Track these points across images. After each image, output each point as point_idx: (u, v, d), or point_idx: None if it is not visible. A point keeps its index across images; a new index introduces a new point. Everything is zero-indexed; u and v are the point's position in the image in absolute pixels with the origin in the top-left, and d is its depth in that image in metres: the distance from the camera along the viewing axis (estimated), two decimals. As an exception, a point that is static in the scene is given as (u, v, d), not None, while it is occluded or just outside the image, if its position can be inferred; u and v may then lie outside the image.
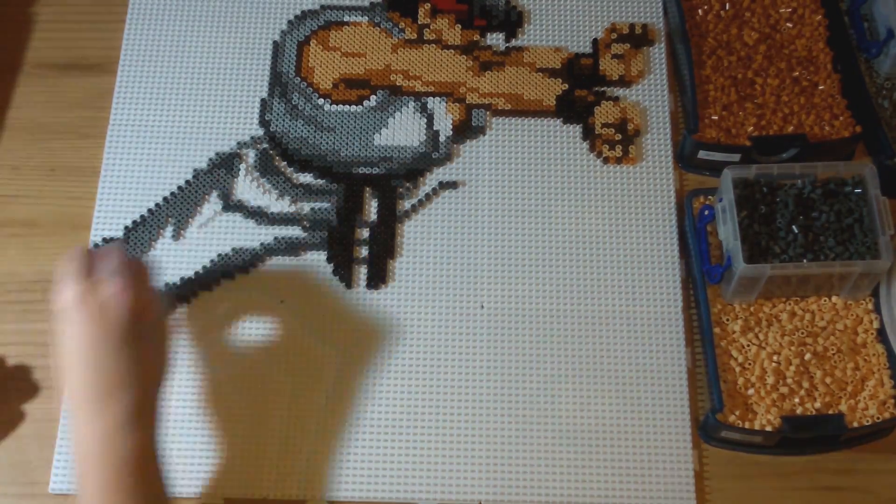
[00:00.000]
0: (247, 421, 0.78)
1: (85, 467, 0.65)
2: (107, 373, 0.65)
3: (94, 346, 0.65)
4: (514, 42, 0.92)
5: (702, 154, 0.85)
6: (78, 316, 0.65)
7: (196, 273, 0.83)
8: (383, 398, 0.79)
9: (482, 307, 0.82)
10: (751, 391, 0.77)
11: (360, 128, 0.88)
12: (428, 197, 0.86)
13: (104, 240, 0.84)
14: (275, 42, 0.92)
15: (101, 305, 0.65)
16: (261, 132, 0.88)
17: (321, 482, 0.76)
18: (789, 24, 0.90)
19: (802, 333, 0.79)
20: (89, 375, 0.65)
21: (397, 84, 0.90)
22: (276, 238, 0.84)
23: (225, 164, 0.87)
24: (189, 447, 0.77)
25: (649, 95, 0.90)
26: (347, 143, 0.88)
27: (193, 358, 0.80)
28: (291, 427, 0.78)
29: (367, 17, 0.93)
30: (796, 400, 0.77)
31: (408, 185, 0.86)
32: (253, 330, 0.81)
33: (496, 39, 0.92)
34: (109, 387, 0.65)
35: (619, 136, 0.88)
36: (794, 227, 0.79)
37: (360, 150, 0.88)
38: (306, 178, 0.86)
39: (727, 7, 0.91)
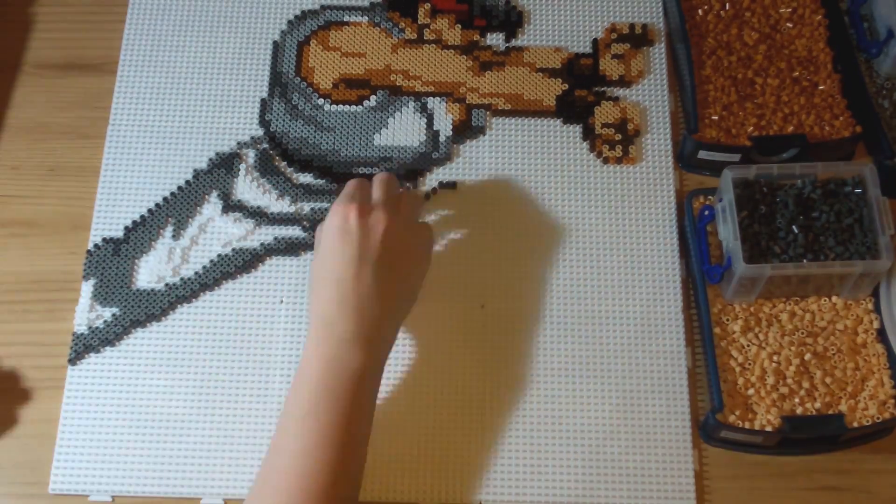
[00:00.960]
0: (247, 421, 0.78)
1: (307, 365, 0.69)
2: (358, 292, 0.70)
3: (352, 264, 0.71)
4: (514, 42, 0.92)
5: (702, 154, 0.85)
6: (341, 234, 0.72)
7: (196, 273, 0.83)
8: (382, 398, 0.78)
9: (482, 307, 0.82)
10: (751, 391, 0.77)
11: (360, 128, 0.88)
12: (428, 197, 0.86)
13: (104, 240, 0.84)
14: (275, 42, 0.92)
15: (363, 229, 0.72)
16: (261, 132, 0.88)
17: (321, 482, 0.76)
18: (789, 24, 0.90)
19: (802, 333, 0.79)
20: (339, 290, 0.70)
21: (397, 84, 0.90)
22: (276, 238, 0.84)
23: (225, 164, 0.87)
24: (189, 447, 0.77)
25: (649, 95, 0.90)
26: (347, 143, 0.88)
27: (193, 357, 0.80)
28: (291, 427, 0.78)
29: (367, 17, 0.93)
30: (796, 400, 0.77)
31: (408, 185, 0.86)
32: (253, 330, 0.81)
33: (496, 39, 0.92)
34: (357, 304, 0.70)
35: (619, 136, 0.88)
36: (794, 227, 0.79)
37: (360, 150, 0.88)
38: (306, 178, 0.86)
39: (727, 7, 0.91)
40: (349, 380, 0.68)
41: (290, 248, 0.84)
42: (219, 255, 0.83)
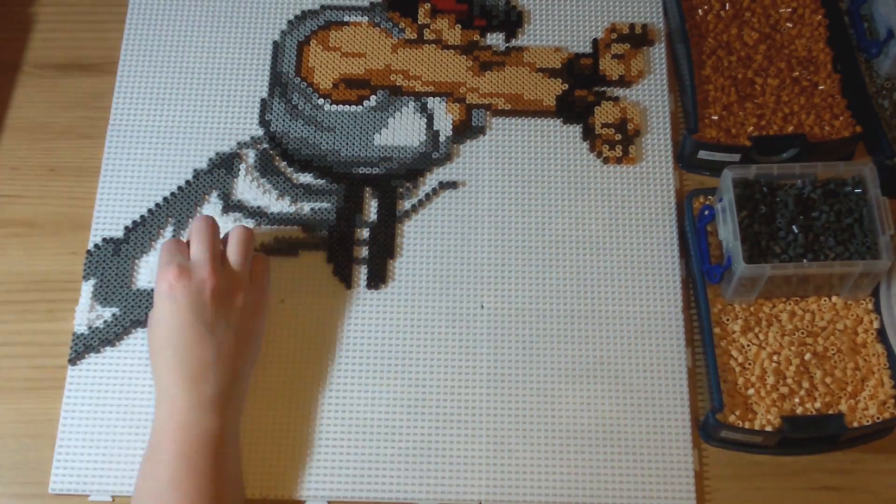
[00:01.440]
0: (246, 421, 0.78)
1: (160, 440, 0.68)
2: (193, 357, 0.69)
3: (181, 331, 0.69)
4: (514, 42, 0.92)
5: (702, 154, 0.85)
6: (168, 302, 0.70)
7: (196, 273, 0.83)
8: (383, 398, 0.79)
9: (482, 307, 0.82)
10: (751, 391, 0.77)
11: (360, 128, 0.88)
12: (428, 197, 0.86)
13: (104, 240, 0.84)
14: (275, 42, 0.92)
15: (189, 292, 0.70)
16: (261, 132, 0.88)
17: (321, 482, 0.76)
18: (789, 24, 0.90)
19: (802, 333, 0.79)
20: (176, 359, 0.69)
21: (397, 84, 0.90)
22: (276, 238, 0.84)
23: (225, 164, 0.87)
24: (189, 447, 0.77)
25: (649, 95, 0.90)
26: (347, 143, 0.88)
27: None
28: (290, 427, 0.78)
29: (367, 17, 0.93)
30: (796, 400, 0.77)
31: (408, 185, 0.86)
32: (253, 330, 0.81)
33: (496, 39, 0.92)
34: (197, 371, 0.69)
35: (619, 136, 0.88)
36: (794, 227, 0.79)
37: (360, 150, 0.88)
38: (306, 178, 0.86)
39: (727, 7, 0.91)
40: (207, 446, 0.68)
41: (290, 248, 0.84)
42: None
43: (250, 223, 0.84)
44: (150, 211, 0.85)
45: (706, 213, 0.83)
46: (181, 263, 0.72)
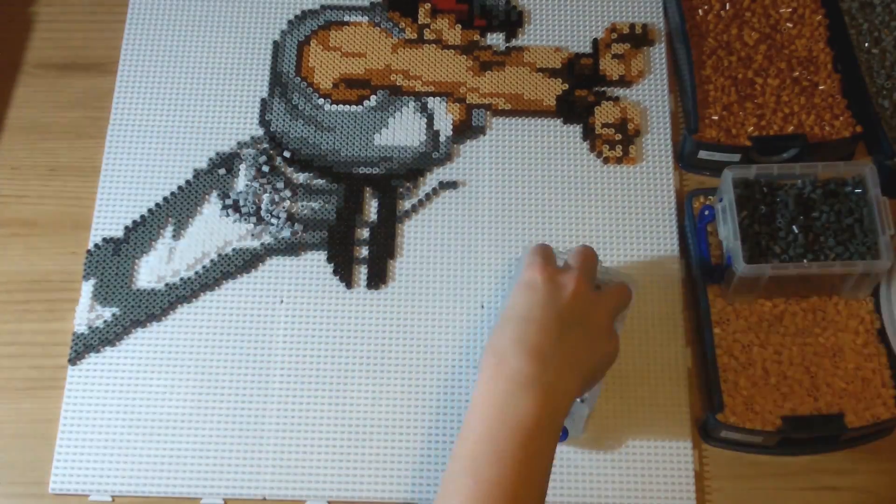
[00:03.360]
0: (246, 421, 0.78)
1: (473, 414, 0.63)
2: (537, 332, 0.65)
3: (537, 307, 0.66)
4: (514, 42, 0.92)
5: (702, 154, 0.85)
6: (526, 287, 0.68)
7: (196, 273, 0.83)
8: (383, 398, 0.79)
9: (482, 307, 0.82)
10: (751, 391, 0.77)
11: (361, 128, 0.88)
12: (428, 197, 0.86)
13: (104, 240, 0.84)
14: (275, 42, 0.92)
15: (549, 284, 0.67)
16: (261, 132, 0.88)
17: (321, 482, 0.76)
18: (789, 24, 0.90)
19: (803, 333, 0.79)
20: (520, 327, 0.65)
21: (397, 84, 0.90)
22: (276, 238, 0.84)
23: (225, 164, 0.87)
24: (189, 447, 0.77)
25: (649, 95, 0.90)
26: (347, 143, 0.88)
27: (193, 357, 0.80)
28: (291, 426, 0.78)
29: (367, 17, 0.93)
30: (797, 400, 0.77)
31: (408, 185, 0.86)
32: (253, 330, 0.81)
33: (496, 39, 0.92)
34: (535, 344, 0.64)
35: (619, 136, 0.88)
36: (794, 227, 0.79)
37: (360, 150, 0.88)
38: (306, 178, 0.86)
39: (727, 7, 0.91)
40: (518, 430, 0.61)
41: (290, 248, 0.84)
42: (219, 255, 0.83)
43: (250, 223, 0.84)
44: (150, 211, 0.85)
45: (706, 213, 0.83)
46: (549, 263, 0.69)
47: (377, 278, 0.83)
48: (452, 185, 0.86)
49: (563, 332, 0.66)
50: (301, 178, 0.86)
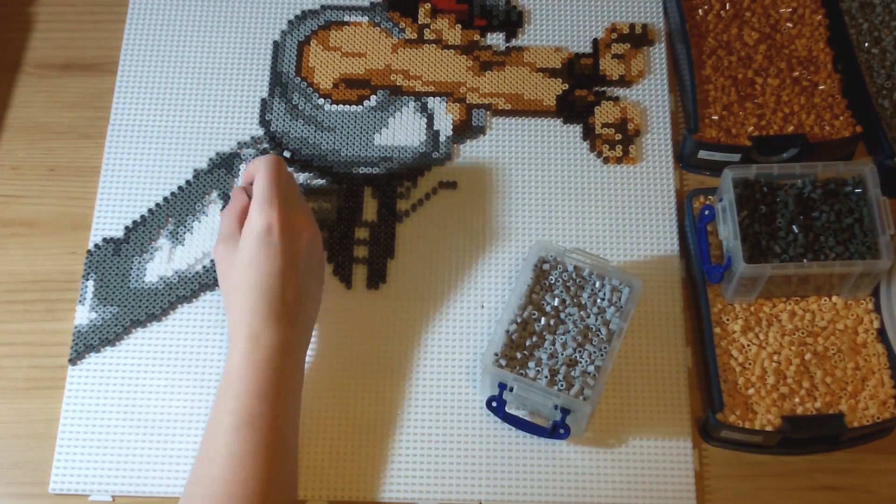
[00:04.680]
0: (247, 421, 0.78)
1: (234, 380, 0.69)
2: (278, 301, 0.70)
3: (271, 276, 0.70)
4: (514, 42, 0.92)
5: (702, 154, 0.85)
6: (262, 245, 0.71)
7: (196, 273, 0.83)
8: (383, 397, 0.79)
9: (482, 307, 0.82)
10: (751, 391, 0.77)
11: (361, 128, 0.88)
12: (428, 197, 0.86)
13: (104, 240, 0.84)
14: (275, 42, 0.92)
15: (285, 240, 0.71)
16: (261, 132, 0.88)
17: (321, 482, 0.76)
18: (789, 24, 0.90)
19: (803, 333, 0.79)
20: (261, 300, 0.70)
21: (397, 84, 0.90)
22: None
23: (225, 164, 0.87)
24: (189, 447, 0.77)
25: (649, 95, 0.90)
26: (347, 143, 0.88)
27: (193, 357, 0.80)
28: (291, 427, 0.78)
29: (367, 17, 0.93)
30: (796, 400, 0.77)
31: (408, 185, 0.86)
32: (253, 330, 0.81)
33: (496, 39, 0.92)
34: (279, 314, 0.70)
35: (619, 136, 0.88)
36: (794, 226, 0.79)
37: (360, 150, 0.88)
38: (306, 177, 0.86)
39: (727, 7, 0.91)
40: (283, 386, 0.69)
41: (291, 248, 0.84)
42: (219, 255, 0.83)
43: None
44: (150, 211, 0.85)
45: (706, 213, 0.83)
46: (281, 206, 0.72)
47: (377, 278, 0.83)
48: (452, 185, 0.86)
49: (302, 289, 0.72)
50: (301, 178, 0.86)
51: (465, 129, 0.88)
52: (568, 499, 0.76)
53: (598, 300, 0.75)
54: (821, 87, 0.87)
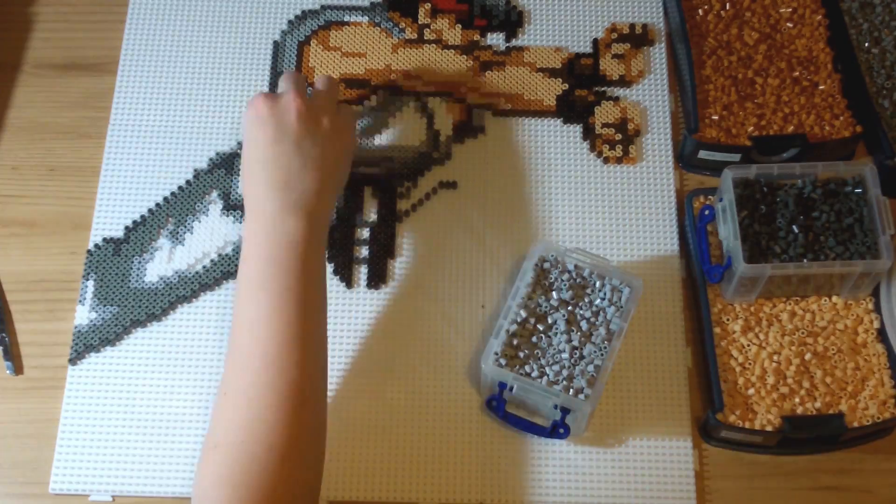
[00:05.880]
0: (247, 421, 0.78)
1: (250, 244, 0.72)
2: (281, 168, 0.73)
3: (268, 147, 0.74)
4: (514, 42, 0.92)
5: (702, 154, 0.85)
6: (256, 125, 0.75)
7: (196, 273, 0.83)
8: (383, 397, 0.79)
9: (482, 307, 0.82)
10: (751, 391, 0.77)
11: (360, 127, 0.88)
12: (428, 197, 0.86)
13: (104, 240, 0.84)
14: (275, 42, 0.92)
15: (278, 111, 0.75)
16: (261, 132, 0.88)
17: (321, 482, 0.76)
18: (789, 24, 0.90)
19: (803, 333, 0.79)
20: (264, 171, 0.73)
21: (397, 84, 0.90)
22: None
23: (225, 164, 0.87)
24: (189, 447, 0.77)
25: (649, 95, 0.90)
26: (347, 143, 0.88)
27: (193, 357, 0.80)
28: (291, 427, 0.78)
29: (367, 17, 0.93)
30: (796, 400, 0.77)
31: (408, 185, 0.86)
32: (253, 330, 0.81)
33: (496, 39, 0.92)
34: (283, 179, 0.73)
35: (619, 136, 0.88)
36: (794, 226, 0.79)
37: (360, 150, 0.87)
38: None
39: (727, 7, 0.91)
40: (291, 248, 0.70)
41: (291, 248, 0.84)
42: (219, 255, 0.83)
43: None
44: (150, 211, 0.85)
45: (706, 213, 0.83)
46: (267, 93, 0.77)
47: (377, 278, 0.83)
48: (452, 184, 0.86)
49: (302, 155, 0.74)
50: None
51: (465, 129, 0.88)
52: (568, 499, 0.76)
53: (599, 300, 0.75)
54: (821, 87, 0.87)
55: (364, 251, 0.84)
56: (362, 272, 0.83)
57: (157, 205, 0.85)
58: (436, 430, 0.78)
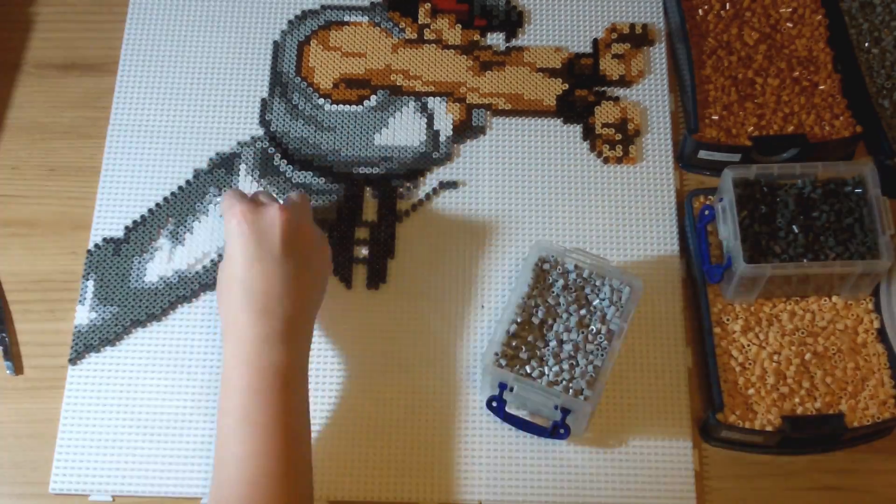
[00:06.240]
0: (247, 421, 0.78)
1: (230, 375, 0.69)
2: (263, 291, 0.69)
3: (250, 265, 0.70)
4: (514, 42, 0.92)
5: (702, 154, 0.85)
6: (238, 237, 0.71)
7: (196, 273, 0.83)
8: (383, 398, 0.79)
9: (482, 307, 0.82)
10: (751, 391, 0.77)
11: (361, 128, 0.88)
12: (428, 197, 0.86)
13: (104, 240, 0.84)
14: (275, 42, 0.92)
15: (261, 225, 0.71)
16: (261, 132, 0.88)
17: (321, 482, 0.76)
18: (789, 24, 0.90)
19: (803, 333, 0.79)
20: (244, 293, 0.70)
21: (397, 84, 0.90)
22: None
23: (225, 164, 0.87)
24: (189, 447, 0.77)
25: (649, 95, 0.90)
26: (348, 143, 0.88)
27: (193, 357, 0.80)
28: (291, 427, 0.78)
29: (367, 17, 0.93)
30: (796, 400, 0.77)
31: (408, 185, 0.86)
32: (253, 330, 0.81)
33: (496, 39, 0.92)
34: (263, 304, 0.69)
35: (619, 136, 0.88)
36: (794, 226, 0.79)
37: (360, 149, 0.88)
38: (306, 177, 0.86)
39: (727, 7, 0.91)
40: (274, 378, 0.68)
41: (291, 248, 0.84)
42: (219, 255, 0.83)
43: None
44: (150, 211, 0.85)
45: (706, 213, 0.83)
46: (247, 200, 0.73)
47: (377, 278, 0.83)
48: (452, 185, 0.86)
49: (284, 277, 0.70)
50: (301, 177, 0.86)
51: (465, 129, 0.88)
52: (568, 499, 0.76)
53: (598, 300, 0.75)
54: (821, 87, 0.87)
55: (364, 251, 0.84)
56: (362, 272, 0.83)
57: (157, 205, 0.85)
58: (436, 430, 0.78)
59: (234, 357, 0.69)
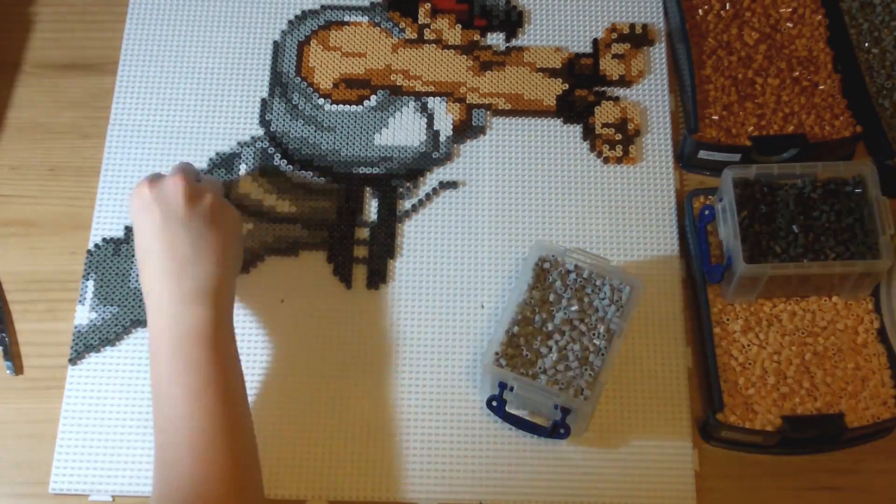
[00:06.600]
0: (247, 421, 0.78)
1: (156, 341, 0.70)
2: (174, 255, 0.71)
3: (158, 235, 0.71)
4: (514, 42, 0.92)
5: (702, 154, 0.85)
6: (142, 212, 0.72)
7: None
8: (383, 397, 0.79)
9: (482, 307, 0.82)
10: (751, 391, 0.77)
11: (361, 128, 0.88)
12: (428, 197, 0.86)
13: (104, 240, 0.84)
14: (275, 42, 0.92)
15: (162, 195, 0.72)
16: (261, 132, 0.88)
17: (321, 482, 0.76)
18: (789, 24, 0.90)
19: (803, 333, 0.79)
20: (157, 260, 0.71)
21: (397, 84, 0.90)
22: (276, 237, 0.84)
23: (225, 164, 0.87)
24: (189, 447, 0.77)
25: (649, 95, 0.90)
26: (348, 143, 0.88)
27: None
28: (290, 427, 0.78)
29: (367, 17, 0.93)
30: (796, 400, 0.77)
31: (408, 185, 0.86)
32: (253, 330, 0.81)
33: (496, 39, 0.92)
34: (177, 267, 0.70)
35: (619, 136, 0.88)
36: (794, 226, 0.79)
37: (360, 149, 0.88)
38: (306, 177, 0.86)
39: (727, 7, 0.91)
40: (197, 338, 0.69)
41: (290, 248, 0.84)
42: (219, 255, 0.83)
43: (250, 223, 0.84)
44: (150, 211, 0.85)
45: (706, 213, 0.83)
46: (150, 178, 0.74)
47: (377, 278, 0.83)
48: (452, 185, 0.86)
49: (193, 241, 0.71)
50: (301, 177, 0.86)
51: (465, 129, 0.88)
52: (568, 499, 0.76)
53: (598, 300, 0.75)
54: (821, 87, 0.87)
55: (364, 251, 0.84)
56: (362, 272, 0.83)
57: (157, 205, 0.85)
58: (436, 430, 0.78)
59: (156, 324, 0.70)
